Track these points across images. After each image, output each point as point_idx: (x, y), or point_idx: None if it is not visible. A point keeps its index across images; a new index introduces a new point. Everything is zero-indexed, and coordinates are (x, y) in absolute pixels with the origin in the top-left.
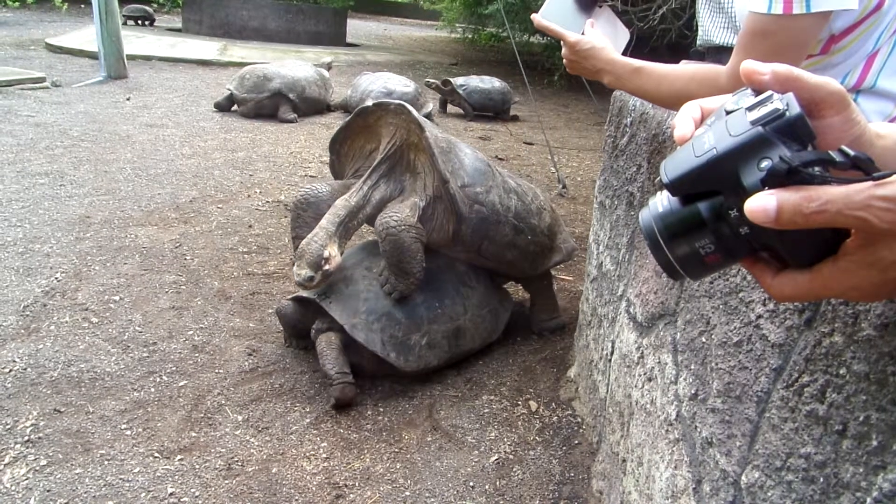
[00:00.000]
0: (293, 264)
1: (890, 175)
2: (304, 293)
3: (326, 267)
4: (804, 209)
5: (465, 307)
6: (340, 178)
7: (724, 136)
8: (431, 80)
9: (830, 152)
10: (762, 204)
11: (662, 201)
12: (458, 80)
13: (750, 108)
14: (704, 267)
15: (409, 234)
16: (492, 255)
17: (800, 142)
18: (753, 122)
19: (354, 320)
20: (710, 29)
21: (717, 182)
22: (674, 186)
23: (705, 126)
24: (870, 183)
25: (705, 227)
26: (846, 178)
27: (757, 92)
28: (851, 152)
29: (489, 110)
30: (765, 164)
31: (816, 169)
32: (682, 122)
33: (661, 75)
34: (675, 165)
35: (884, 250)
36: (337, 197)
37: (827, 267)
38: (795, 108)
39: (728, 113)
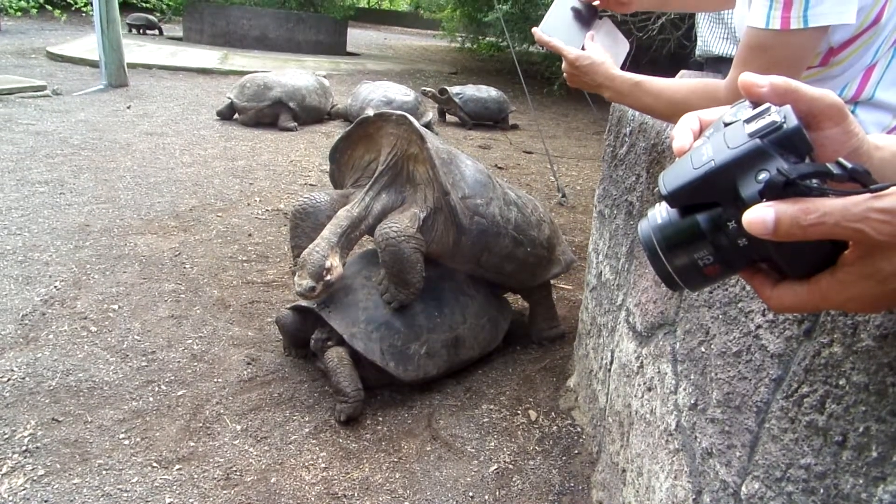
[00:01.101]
0: (293, 274)
1: (887, 187)
2: (304, 302)
3: (328, 277)
4: (802, 221)
5: (464, 316)
6: (340, 188)
7: (722, 149)
8: (427, 89)
9: (828, 164)
10: (760, 216)
11: (661, 213)
12: (454, 90)
13: (748, 121)
14: (703, 278)
15: (408, 244)
16: (491, 267)
17: (797, 154)
18: (751, 135)
19: (353, 329)
20: (709, 39)
21: (715, 194)
22: (672, 198)
23: (704, 138)
24: (868, 195)
25: (704, 238)
26: (844, 190)
27: (755, 104)
28: (849, 164)
29: (485, 119)
30: (763, 176)
31: (815, 181)
32: (680, 133)
33: (660, 89)
34: (673, 177)
35: (882, 262)
36: (336, 207)
37: (825, 279)
38: (793, 121)
39: (726, 125)
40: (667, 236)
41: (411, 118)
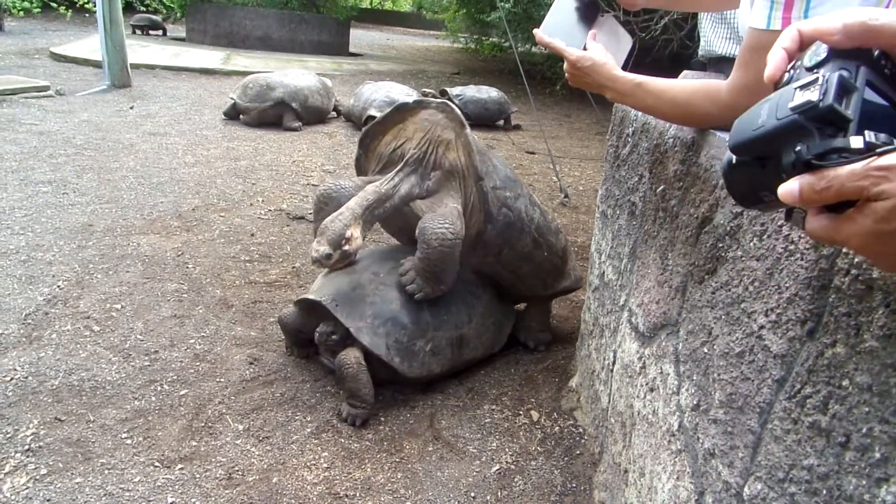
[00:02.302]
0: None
1: (893, 150)
2: (311, 296)
3: (346, 247)
4: (815, 187)
5: (469, 316)
6: (364, 175)
7: (772, 117)
8: (428, 90)
9: (852, 139)
10: (789, 189)
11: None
12: (454, 90)
13: (801, 87)
14: (769, 207)
15: (459, 247)
16: (509, 263)
17: (835, 126)
18: (793, 109)
19: (360, 324)
20: (712, 39)
21: (767, 151)
22: (734, 150)
23: (788, 76)
24: (873, 157)
25: (764, 180)
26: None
27: (831, 49)
28: (870, 139)
29: (485, 120)
30: (798, 148)
31: (836, 157)
32: (773, 59)
33: (662, 90)
34: (736, 132)
35: (877, 205)
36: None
37: (843, 215)
38: (829, 100)
39: (807, 69)
40: (731, 162)
41: (454, 105)
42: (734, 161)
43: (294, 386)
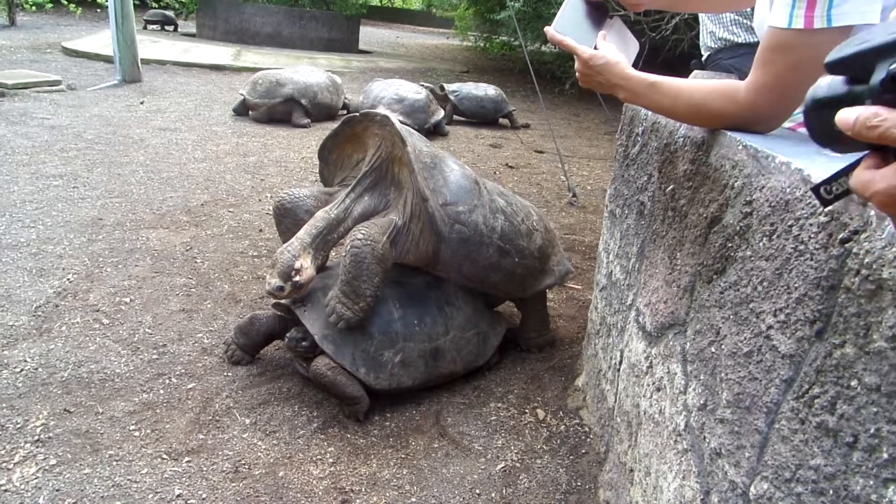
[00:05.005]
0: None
1: None
2: (287, 301)
3: (296, 278)
4: (868, 122)
5: (446, 327)
6: (329, 186)
7: (882, 34)
8: (426, 85)
9: None
10: (846, 115)
11: (827, 80)
12: (451, 87)
13: None
14: (843, 145)
15: (373, 252)
16: (474, 277)
17: None
18: None
19: (326, 332)
20: (713, 30)
21: (861, 71)
22: (828, 66)
23: None
24: None
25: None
26: None
27: None
28: None
29: (481, 118)
30: (893, 66)
31: None
32: None
33: (677, 90)
34: (838, 49)
35: None
36: (319, 204)
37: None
38: None
39: None
40: (816, 99)
41: (394, 119)
42: (818, 97)
43: (300, 381)
